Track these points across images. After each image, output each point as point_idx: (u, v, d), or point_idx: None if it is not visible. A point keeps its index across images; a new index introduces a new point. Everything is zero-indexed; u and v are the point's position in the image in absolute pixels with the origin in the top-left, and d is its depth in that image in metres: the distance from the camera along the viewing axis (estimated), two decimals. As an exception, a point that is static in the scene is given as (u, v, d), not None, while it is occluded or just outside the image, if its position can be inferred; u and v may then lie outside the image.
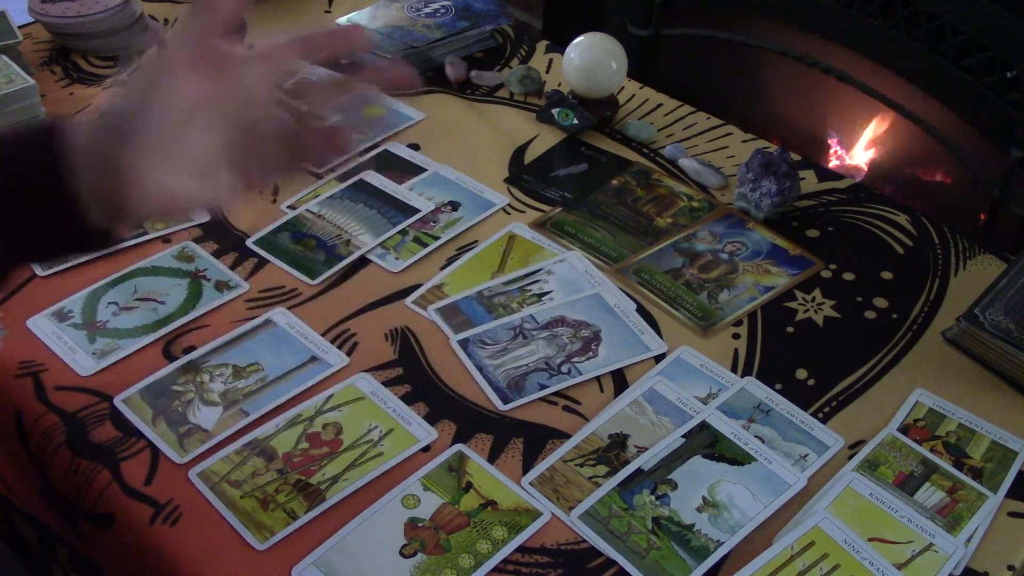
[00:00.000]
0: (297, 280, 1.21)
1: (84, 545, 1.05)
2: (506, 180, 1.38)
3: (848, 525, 0.93)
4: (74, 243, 0.73)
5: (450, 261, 1.24)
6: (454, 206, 1.33)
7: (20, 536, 1.19)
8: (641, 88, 1.58)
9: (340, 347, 1.12)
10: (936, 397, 1.08)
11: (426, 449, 1.01)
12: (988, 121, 1.61)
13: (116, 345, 1.11)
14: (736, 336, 1.16)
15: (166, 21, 1.71)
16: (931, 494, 0.98)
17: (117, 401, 1.04)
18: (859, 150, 1.95)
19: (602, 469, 0.99)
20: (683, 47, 2.08)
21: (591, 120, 1.45)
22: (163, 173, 0.68)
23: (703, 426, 1.03)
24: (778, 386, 1.09)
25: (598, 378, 1.10)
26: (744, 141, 1.47)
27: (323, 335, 1.13)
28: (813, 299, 1.21)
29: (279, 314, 1.15)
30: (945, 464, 1.01)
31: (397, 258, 1.24)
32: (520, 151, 1.44)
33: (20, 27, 1.55)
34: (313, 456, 0.99)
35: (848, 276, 1.24)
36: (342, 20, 1.63)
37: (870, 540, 0.93)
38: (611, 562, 0.92)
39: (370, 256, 1.25)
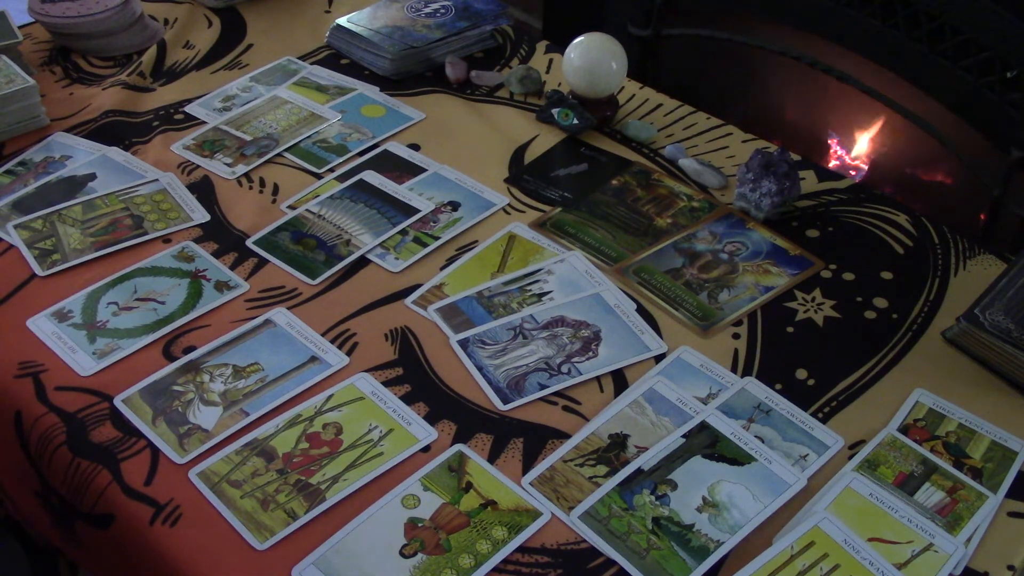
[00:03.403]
0: (297, 280, 1.21)
1: (76, 551, 1.05)
2: (506, 180, 1.38)
3: (848, 525, 0.94)
4: None
5: (450, 261, 1.24)
6: (454, 206, 1.33)
7: (25, 532, 1.19)
8: (641, 88, 1.58)
9: (340, 347, 1.12)
10: (936, 397, 1.08)
11: (426, 449, 1.01)
12: (988, 121, 1.61)
13: (116, 345, 1.11)
14: (736, 336, 1.16)
15: (166, 21, 1.71)
16: (931, 494, 0.98)
17: (117, 401, 1.04)
18: (859, 150, 1.95)
19: (602, 469, 0.99)
20: (683, 47, 2.08)
21: (591, 120, 1.45)
22: None
23: (703, 426, 1.03)
24: (778, 386, 1.09)
25: (598, 378, 1.10)
26: (744, 141, 1.47)
27: (323, 335, 1.13)
28: (813, 299, 1.21)
29: (279, 314, 1.15)
30: (945, 464, 1.01)
31: (397, 258, 1.24)
32: (520, 151, 1.44)
33: (20, 27, 1.55)
34: (313, 456, 0.99)
35: (848, 276, 1.24)
36: (342, 20, 1.63)
37: (870, 540, 0.93)
38: (611, 562, 0.92)
39: (370, 256, 1.25)
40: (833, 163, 1.98)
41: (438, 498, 0.96)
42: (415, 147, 1.44)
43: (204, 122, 1.47)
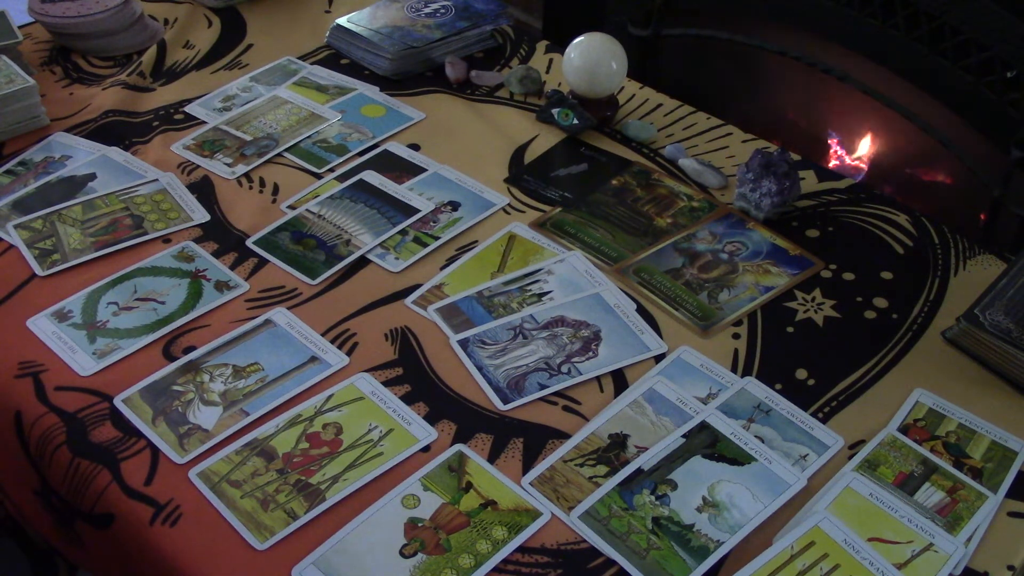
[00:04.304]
0: (297, 280, 1.21)
1: (76, 551, 1.05)
2: (506, 180, 1.38)
3: (848, 525, 0.94)
4: None
5: (450, 261, 1.24)
6: (454, 206, 1.33)
7: (25, 532, 1.19)
8: (641, 88, 1.58)
9: (340, 347, 1.12)
10: (936, 397, 1.08)
11: (426, 449, 1.01)
12: (988, 121, 1.61)
13: (116, 345, 1.11)
14: (736, 336, 1.16)
15: (166, 21, 1.71)
16: (931, 494, 0.98)
17: (117, 401, 1.04)
18: (859, 150, 1.95)
19: (602, 469, 0.99)
20: (683, 47, 2.08)
21: (591, 120, 1.45)
22: None
23: (703, 426, 1.03)
24: (778, 386, 1.09)
25: (598, 378, 1.10)
26: (744, 141, 1.47)
27: (323, 335, 1.13)
28: (813, 299, 1.21)
29: (279, 314, 1.15)
30: (945, 464, 1.01)
31: (397, 258, 1.24)
32: (520, 151, 1.44)
33: (20, 27, 1.55)
34: (313, 456, 0.99)
35: (848, 276, 1.24)
36: (342, 20, 1.63)
37: (870, 540, 0.93)
38: (611, 562, 0.92)
39: (370, 256, 1.24)
40: (833, 163, 1.98)
41: (438, 498, 0.96)
42: (415, 147, 1.44)
43: (204, 122, 1.47)
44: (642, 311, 1.18)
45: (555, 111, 1.46)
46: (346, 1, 1.78)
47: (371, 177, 1.37)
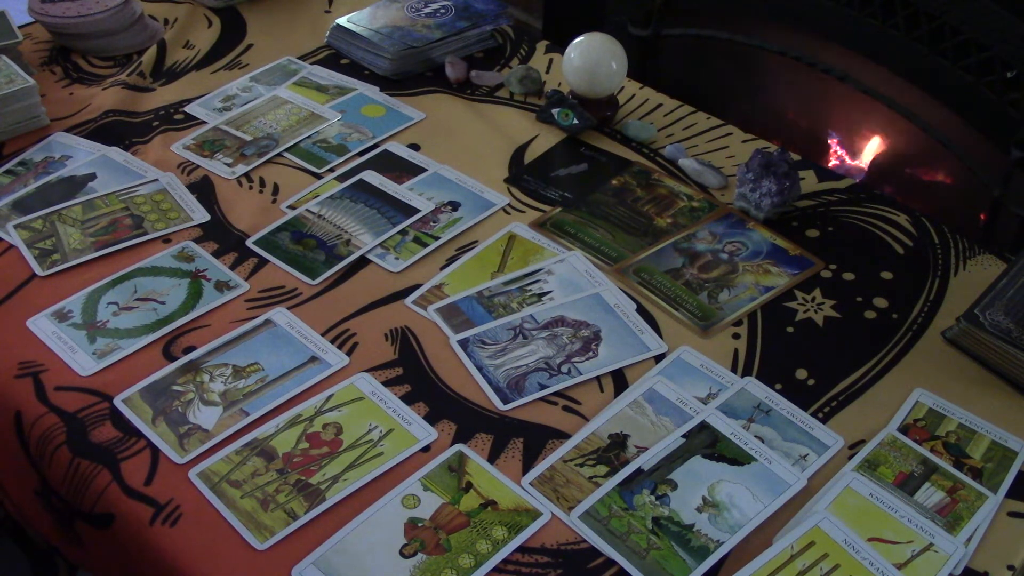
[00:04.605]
0: (297, 280, 1.21)
1: (77, 551, 1.05)
2: (506, 180, 1.38)
3: (848, 525, 0.94)
4: None
5: (450, 261, 1.24)
6: (454, 206, 1.33)
7: (25, 532, 1.19)
8: (641, 88, 1.58)
9: (340, 347, 1.12)
10: (936, 397, 1.08)
11: (426, 449, 1.01)
12: (988, 121, 1.61)
13: (116, 345, 1.11)
14: (736, 336, 1.16)
15: (166, 21, 1.71)
16: (931, 494, 0.98)
17: (117, 401, 1.04)
18: (859, 150, 1.95)
19: (602, 469, 0.99)
20: (683, 47, 2.08)
21: (591, 120, 1.45)
22: None
23: (703, 426, 1.03)
24: (778, 386, 1.09)
25: (598, 378, 1.10)
26: (744, 141, 1.47)
27: (323, 335, 1.13)
28: (813, 299, 1.21)
29: (279, 314, 1.15)
30: (945, 464, 1.01)
31: (397, 258, 1.24)
32: (520, 151, 1.44)
33: (20, 27, 1.55)
34: (313, 456, 0.99)
35: (848, 276, 1.24)
36: (342, 20, 1.63)
37: (870, 540, 0.93)
38: (611, 562, 0.92)
39: (370, 256, 1.24)
40: (833, 163, 1.98)
41: (438, 498, 0.96)
42: (415, 147, 1.44)
43: (204, 122, 1.47)
44: (642, 311, 1.18)
45: (555, 111, 1.46)
46: (346, 1, 1.78)
47: (371, 177, 1.37)
